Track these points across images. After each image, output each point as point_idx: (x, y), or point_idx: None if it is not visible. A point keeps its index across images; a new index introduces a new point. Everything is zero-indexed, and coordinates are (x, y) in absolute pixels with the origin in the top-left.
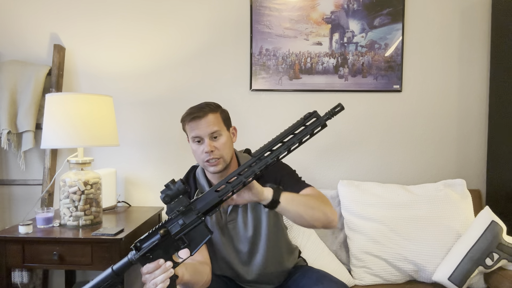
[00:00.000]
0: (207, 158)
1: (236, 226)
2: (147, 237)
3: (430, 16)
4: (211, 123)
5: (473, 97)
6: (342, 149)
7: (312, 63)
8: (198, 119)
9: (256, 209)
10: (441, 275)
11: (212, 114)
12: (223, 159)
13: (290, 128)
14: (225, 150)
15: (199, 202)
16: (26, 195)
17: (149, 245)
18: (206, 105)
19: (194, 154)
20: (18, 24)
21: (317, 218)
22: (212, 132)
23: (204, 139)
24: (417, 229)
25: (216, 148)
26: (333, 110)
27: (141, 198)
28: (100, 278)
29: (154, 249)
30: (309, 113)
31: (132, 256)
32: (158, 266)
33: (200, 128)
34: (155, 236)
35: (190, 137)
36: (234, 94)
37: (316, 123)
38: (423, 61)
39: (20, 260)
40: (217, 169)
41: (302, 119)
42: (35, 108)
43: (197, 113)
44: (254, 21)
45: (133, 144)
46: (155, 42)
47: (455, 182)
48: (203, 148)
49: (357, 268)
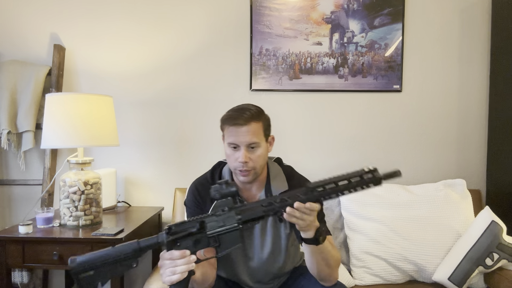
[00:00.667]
0: (239, 167)
1: (252, 236)
2: (182, 224)
3: (430, 16)
4: (251, 133)
5: (473, 97)
6: (342, 149)
7: (312, 63)
8: (240, 126)
9: (276, 225)
10: (441, 275)
11: (255, 123)
12: (254, 171)
13: (347, 174)
14: (259, 162)
15: (243, 210)
16: (26, 195)
17: (183, 233)
18: (249, 111)
19: (227, 157)
20: (18, 24)
21: (324, 276)
22: (251, 143)
23: (241, 147)
24: (417, 229)
25: (251, 159)
26: (391, 173)
27: (141, 198)
28: (122, 248)
29: (186, 238)
30: (369, 169)
31: (162, 238)
32: (183, 256)
33: (239, 136)
34: (191, 227)
35: (227, 142)
36: (234, 94)
37: (372, 179)
38: (423, 61)
39: (20, 260)
40: (247, 180)
41: (361, 171)
42: (35, 108)
43: (239, 120)
44: (254, 21)
45: (133, 144)
46: (155, 42)
47: (455, 182)
48: (237, 156)
49: (357, 268)
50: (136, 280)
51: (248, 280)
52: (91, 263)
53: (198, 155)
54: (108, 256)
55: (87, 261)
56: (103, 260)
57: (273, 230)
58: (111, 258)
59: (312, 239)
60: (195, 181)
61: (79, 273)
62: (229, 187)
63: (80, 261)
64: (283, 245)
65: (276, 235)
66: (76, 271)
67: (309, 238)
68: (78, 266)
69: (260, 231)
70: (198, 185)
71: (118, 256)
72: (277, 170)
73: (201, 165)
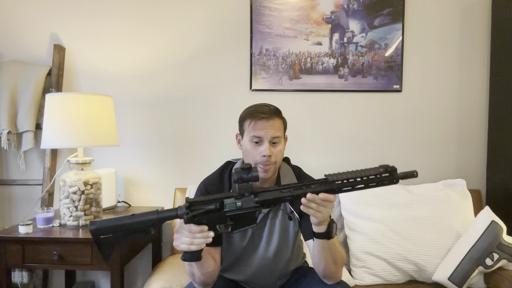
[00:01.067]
0: (262, 161)
1: (262, 234)
2: (201, 202)
3: (430, 16)
4: (276, 127)
5: (473, 97)
6: (342, 149)
7: (312, 63)
8: (266, 120)
9: (285, 225)
10: (441, 275)
11: (278, 118)
12: (275, 166)
13: (364, 171)
14: (279, 157)
15: (262, 194)
16: (26, 195)
17: (202, 210)
18: (272, 106)
19: (247, 153)
20: (18, 24)
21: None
22: (275, 137)
23: (264, 141)
24: (417, 229)
25: (273, 154)
26: (408, 173)
27: (141, 198)
28: (141, 219)
29: (204, 214)
30: (389, 167)
31: (181, 212)
32: (202, 231)
33: (265, 129)
34: (210, 204)
35: (249, 136)
36: (234, 94)
37: (388, 177)
38: (423, 61)
39: (20, 260)
40: (267, 175)
41: (378, 169)
42: (35, 108)
43: (265, 114)
44: (254, 21)
45: (133, 144)
46: (155, 42)
47: (455, 182)
48: (261, 150)
49: (357, 268)
50: (136, 280)
51: (252, 279)
52: (111, 229)
53: (198, 155)
54: (128, 225)
55: (106, 227)
56: (123, 228)
57: (282, 228)
58: (130, 227)
59: (325, 233)
60: (204, 180)
61: (98, 235)
62: (251, 172)
63: (100, 226)
64: (290, 243)
65: (284, 234)
66: (97, 233)
67: (322, 232)
68: (97, 229)
69: (268, 229)
70: (207, 184)
71: (137, 225)
72: (287, 168)
73: (201, 165)
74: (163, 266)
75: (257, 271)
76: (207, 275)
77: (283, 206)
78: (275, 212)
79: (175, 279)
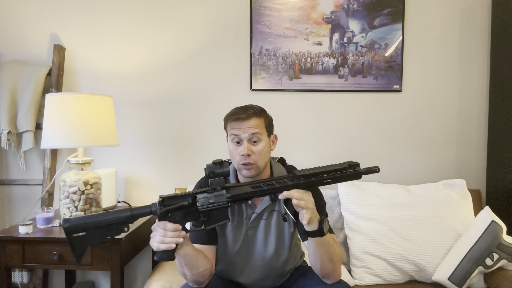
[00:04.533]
0: (242, 161)
1: (255, 234)
2: (175, 197)
3: (430, 16)
4: (253, 126)
5: (473, 97)
6: (342, 149)
7: (312, 63)
8: (242, 120)
9: (280, 224)
10: (441, 275)
11: (256, 118)
12: (256, 165)
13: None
14: (261, 156)
15: (233, 189)
16: (26, 195)
17: (175, 205)
18: (251, 108)
19: (230, 154)
20: (18, 24)
21: (327, 272)
22: (252, 135)
23: (243, 141)
24: (417, 229)
25: (253, 153)
26: (371, 169)
27: (141, 198)
28: (116, 215)
29: (177, 210)
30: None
31: (155, 209)
32: (175, 229)
33: (241, 129)
34: (183, 200)
35: (230, 137)
36: (234, 94)
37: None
38: (423, 61)
39: (20, 260)
40: (250, 174)
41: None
42: (35, 108)
43: (240, 114)
44: (254, 21)
45: (133, 144)
46: (155, 42)
47: (455, 182)
48: (240, 150)
49: (357, 268)
50: (136, 280)
51: (250, 279)
52: (84, 226)
53: (198, 155)
54: (102, 221)
55: (80, 223)
56: (96, 224)
57: (277, 229)
58: (104, 223)
59: (317, 231)
60: (200, 180)
61: (71, 233)
62: (222, 167)
63: (73, 223)
64: (286, 244)
65: (280, 234)
66: (69, 231)
67: (314, 231)
68: (71, 226)
69: (264, 230)
70: (203, 185)
71: (111, 221)
72: (281, 169)
73: (201, 165)
74: (163, 266)
75: (254, 272)
76: (199, 275)
77: (277, 207)
78: (269, 213)
79: (175, 279)
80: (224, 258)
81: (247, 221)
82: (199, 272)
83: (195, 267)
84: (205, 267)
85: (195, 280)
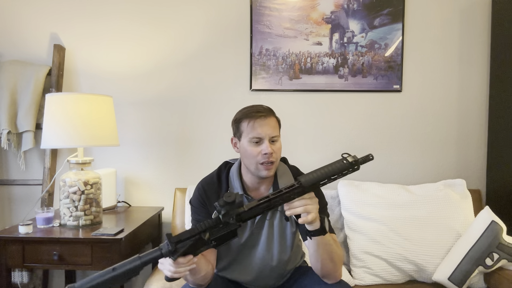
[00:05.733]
0: (264, 159)
1: (260, 234)
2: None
3: (430, 16)
4: (273, 126)
5: (473, 97)
6: (342, 149)
7: (312, 63)
8: (264, 119)
9: (283, 226)
10: (441, 275)
11: (273, 117)
12: (275, 164)
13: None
14: (278, 155)
15: (244, 214)
16: (26, 195)
17: (187, 245)
18: (265, 107)
19: (247, 155)
20: (18, 24)
21: (327, 272)
22: (274, 136)
23: (264, 140)
24: (417, 229)
25: (274, 151)
26: (366, 157)
27: (141, 198)
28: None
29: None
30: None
31: (165, 251)
32: (188, 261)
33: (264, 128)
34: (193, 236)
35: (248, 137)
36: (234, 94)
37: (352, 167)
38: (423, 61)
39: (20, 260)
40: (270, 174)
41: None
42: (35, 108)
43: (262, 112)
44: (254, 21)
45: (133, 144)
46: (155, 42)
47: (455, 182)
48: (261, 149)
49: (357, 268)
50: (136, 280)
51: (251, 279)
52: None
53: (198, 155)
54: (112, 281)
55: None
56: (106, 285)
57: (280, 229)
58: (114, 282)
59: (319, 230)
60: (202, 180)
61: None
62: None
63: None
64: (288, 243)
65: (283, 234)
66: None
67: (316, 230)
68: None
69: (267, 230)
70: (205, 185)
71: (122, 277)
72: (284, 168)
73: (201, 165)
74: None
75: (255, 271)
76: (200, 279)
77: (280, 207)
78: (272, 213)
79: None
80: (226, 257)
81: (252, 222)
82: (201, 276)
83: (198, 272)
84: (206, 270)
85: (197, 284)
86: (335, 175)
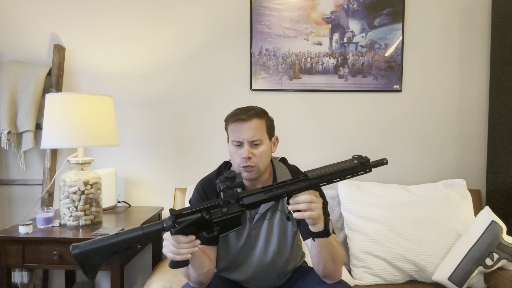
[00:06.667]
0: (243, 164)
1: (259, 235)
2: (187, 212)
3: (430, 16)
4: (254, 129)
5: (473, 97)
6: (342, 149)
7: (312, 63)
8: (242, 122)
9: (283, 226)
10: (441, 275)
11: (257, 119)
12: (257, 168)
13: (341, 164)
14: (262, 159)
15: (246, 198)
16: (26, 195)
17: (188, 221)
18: (253, 109)
19: (230, 156)
20: (18, 24)
21: (329, 272)
22: (253, 138)
23: (244, 143)
24: (417, 229)
25: (254, 155)
26: (379, 161)
27: (141, 198)
28: (127, 237)
29: (191, 224)
30: (362, 158)
31: (167, 225)
32: (189, 241)
33: (242, 132)
34: (196, 214)
35: (231, 140)
36: (234, 94)
37: (362, 168)
38: (423, 61)
39: (20, 260)
40: (250, 176)
41: (353, 162)
42: (35, 108)
43: (242, 115)
44: (254, 21)
45: (133, 144)
46: (155, 42)
47: (455, 182)
48: (241, 152)
49: (357, 268)
50: (136, 280)
51: (250, 279)
52: (95, 251)
53: (198, 155)
54: (113, 245)
55: (90, 249)
56: (108, 249)
57: (280, 228)
58: (115, 247)
59: (323, 232)
60: (201, 180)
61: (81, 259)
62: (235, 179)
63: (83, 249)
64: (288, 243)
65: (283, 234)
66: (79, 258)
67: (320, 231)
68: (80, 254)
69: (266, 230)
70: (204, 184)
71: (123, 244)
72: (283, 169)
73: (201, 165)
74: (163, 266)
75: (255, 271)
76: (203, 276)
77: (280, 207)
78: (272, 212)
79: (175, 279)
80: (226, 257)
81: (250, 221)
82: (204, 273)
83: (201, 267)
84: (209, 267)
85: (199, 281)
86: (343, 173)
